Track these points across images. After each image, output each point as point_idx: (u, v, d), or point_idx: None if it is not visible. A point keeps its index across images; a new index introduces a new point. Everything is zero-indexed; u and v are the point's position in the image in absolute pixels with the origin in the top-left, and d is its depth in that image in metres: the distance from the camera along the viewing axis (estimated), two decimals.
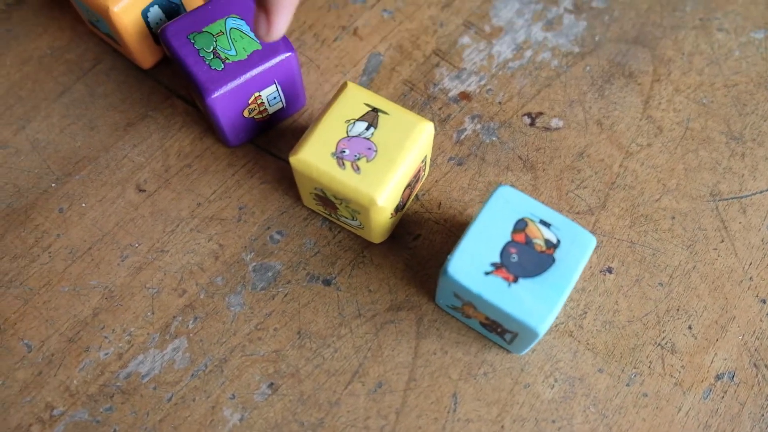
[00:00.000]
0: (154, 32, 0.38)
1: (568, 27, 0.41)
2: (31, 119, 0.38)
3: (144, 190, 0.36)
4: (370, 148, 0.31)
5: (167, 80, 0.40)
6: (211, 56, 0.33)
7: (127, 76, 0.40)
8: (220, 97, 0.33)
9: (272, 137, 0.38)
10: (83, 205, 0.36)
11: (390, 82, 0.39)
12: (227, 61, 0.33)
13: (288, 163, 0.37)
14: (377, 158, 0.31)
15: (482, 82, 0.39)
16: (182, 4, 0.38)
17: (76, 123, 0.38)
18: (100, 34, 0.39)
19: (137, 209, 0.36)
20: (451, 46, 0.41)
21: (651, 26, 0.41)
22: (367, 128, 0.31)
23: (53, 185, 0.37)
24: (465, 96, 0.39)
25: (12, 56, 0.40)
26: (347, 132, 0.31)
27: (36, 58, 0.40)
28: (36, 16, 0.41)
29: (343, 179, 0.30)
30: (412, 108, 0.39)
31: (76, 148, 0.38)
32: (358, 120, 0.32)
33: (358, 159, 0.31)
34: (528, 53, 0.40)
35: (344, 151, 0.31)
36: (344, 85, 0.33)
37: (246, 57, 0.33)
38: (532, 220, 0.30)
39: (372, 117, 0.32)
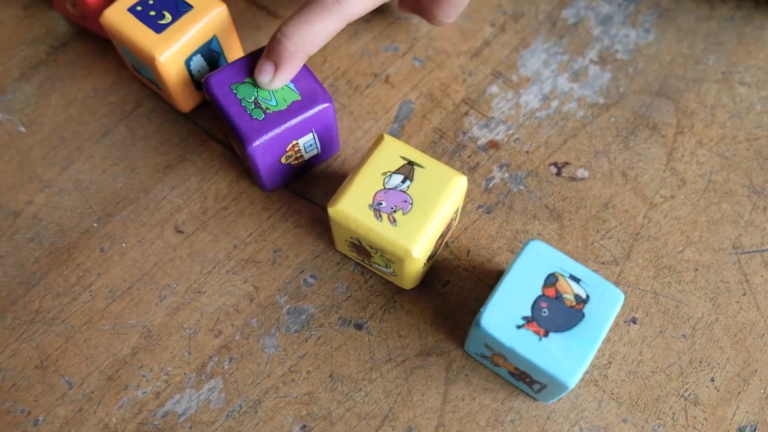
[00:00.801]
0: (196, 79, 0.39)
1: (594, 78, 0.42)
2: (74, 159, 0.40)
3: (182, 232, 0.38)
4: (406, 201, 0.32)
5: (205, 124, 0.41)
6: (253, 106, 0.35)
7: (166, 119, 0.41)
8: (261, 146, 0.34)
9: (306, 182, 0.39)
10: (123, 245, 0.37)
11: (421, 129, 0.41)
12: (268, 111, 0.34)
13: (321, 207, 0.38)
14: (413, 211, 0.32)
15: (510, 131, 0.41)
16: (222, 52, 0.40)
17: (118, 164, 0.40)
18: (143, 78, 0.41)
19: (175, 250, 0.37)
20: (480, 95, 0.42)
21: (674, 79, 0.42)
22: (403, 181, 0.33)
23: (95, 225, 0.38)
24: (493, 144, 0.40)
25: (57, 97, 0.42)
26: (384, 184, 0.33)
27: (80, 100, 0.41)
28: (81, 58, 0.43)
29: (380, 231, 0.32)
30: (442, 156, 0.40)
31: (117, 189, 0.39)
32: (394, 172, 0.33)
33: (395, 211, 0.32)
34: (554, 103, 0.42)
35: (381, 203, 0.32)
36: (381, 138, 0.34)
37: (286, 107, 0.35)
38: (562, 275, 0.31)
39: (408, 170, 0.33)
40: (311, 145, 0.37)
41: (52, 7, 0.45)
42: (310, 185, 0.39)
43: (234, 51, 0.41)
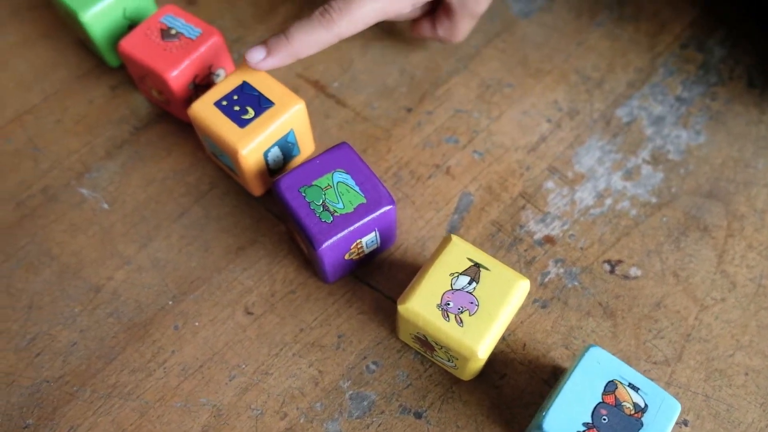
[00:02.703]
0: (271, 167, 0.42)
1: (646, 177, 0.44)
2: (153, 238, 0.42)
3: (252, 313, 0.40)
4: (472, 302, 0.34)
5: (275, 208, 0.43)
6: (321, 209, 0.37)
7: (239, 201, 0.44)
8: (328, 247, 0.36)
9: (370, 269, 0.41)
10: (196, 323, 0.39)
11: (479, 221, 0.43)
12: (335, 214, 0.37)
13: (384, 295, 0.40)
14: (479, 312, 0.34)
15: (565, 227, 0.42)
16: (296, 142, 0.42)
17: (193, 244, 0.42)
18: (219, 163, 0.43)
19: (245, 331, 0.39)
20: (536, 190, 0.44)
21: (725, 181, 0.44)
22: (470, 282, 0.35)
23: (170, 302, 0.40)
24: (549, 239, 0.42)
25: (138, 177, 0.44)
26: (451, 285, 0.34)
27: (159, 180, 0.44)
28: (161, 139, 0.46)
29: (447, 331, 0.33)
30: (499, 249, 0.42)
31: (191, 268, 0.41)
32: (461, 273, 0.35)
33: (462, 312, 0.34)
34: (608, 201, 0.43)
35: (449, 304, 0.34)
36: (448, 238, 0.36)
37: (352, 210, 0.37)
38: (621, 383, 0.32)
39: (474, 272, 0.35)
40: (372, 241, 0.39)
41: (137, 88, 0.48)
42: (374, 272, 0.41)
43: (306, 140, 0.43)
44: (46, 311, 0.40)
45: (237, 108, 0.40)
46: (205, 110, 0.40)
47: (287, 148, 0.42)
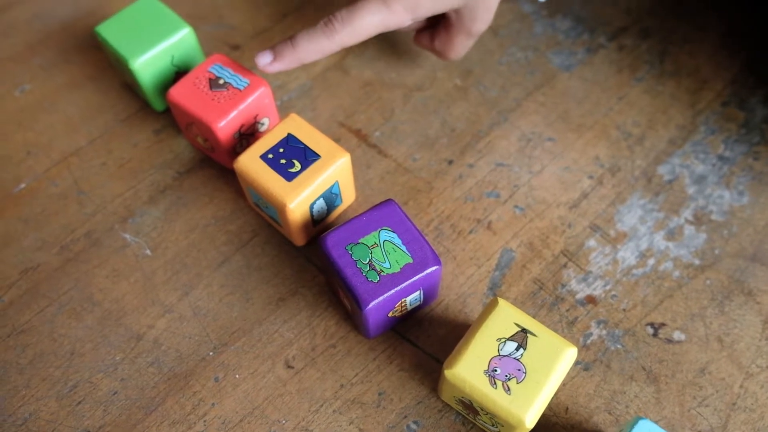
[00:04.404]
0: (315, 219, 0.42)
1: (689, 238, 0.44)
2: (194, 286, 0.42)
3: (292, 367, 0.40)
4: (519, 369, 0.34)
5: (316, 259, 0.43)
6: (368, 268, 0.37)
7: (280, 251, 0.44)
8: (374, 307, 0.36)
9: (411, 324, 0.41)
10: (237, 376, 0.39)
11: (521, 279, 0.43)
12: (382, 274, 0.37)
13: (425, 353, 0.40)
14: (526, 380, 0.33)
15: (607, 287, 0.42)
16: (339, 193, 0.42)
17: (234, 294, 0.42)
18: (262, 213, 0.44)
19: (285, 385, 0.39)
20: (578, 248, 0.44)
21: None
22: (517, 348, 0.34)
23: (211, 353, 0.40)
24: (591, 300, 0.42)
25: (181, 223, 0.45)
26: (499, 350, 0.34)
27: (201, 227, 0.44)
28: (204, 185, 0.46)
29: (494, 398, 0.33)
30: (541, 308, 0.41)
31: (232, 319, 0.41)
32: (508, 339, 0.35)
33: (509, 379, 0.33)
34: (651, 261, 0.43)
35: (496, 370, 0.34)
36: (495, 302, 0.36)
37: (399, 270, 0.37)
38: None
39: (522, 338, 0.35)
40: (416, 299, 0.39)
41: (180, 133, 0.48)
42: (414, 328, 0.41)
43: (348, 190, 0.43)
44: (87, 358, 0.40)
45: (283, 161, 0.40)
46: (251, 163, 0.40)
47: (331, 198, 0.42)
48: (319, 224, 0.43)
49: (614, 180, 0.46)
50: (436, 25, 0.47)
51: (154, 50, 0.45)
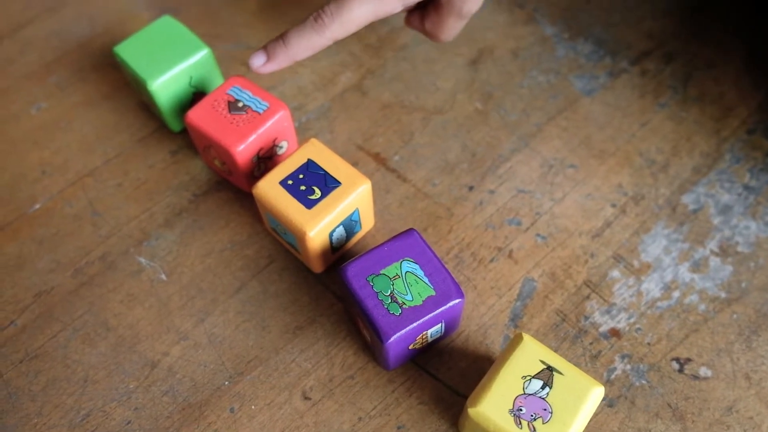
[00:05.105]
0: (334, 246, 0.41)
1: (715, 270, 0.43)
2: (210, 312, 0.42)
3: (309, 398, 0.39)
4: (545, 409, 0.33)
5: (334, 286, 0.43)
6: (389, 300, 0.36)
7: (297, 277, 0.43)
8: (396, 340, 0.35)
9: (430, 355, 0.40)
10: (253, 407, 0.39)
11: (543, 310, 0.42)
12: (404, 306, 0.36)
13: (444, 385, 0.39)
14: (552, 420, 0.33)
15: (632, 320, 0.41)
16: (359, 220, 0.42)
17: (250, 321, 0.41)
18: (279, 238, 0.43)
19: (302, 417, 0.38)
20: (601, 279, 0.43)
21: None
22: (543, 387, 0.33)
23: (226, 383, 0.39)
24: (615, 333, 0.41)
25: (197, 247, 0.44)
26: (524, 389, 0.33)
27: (217, 251, 0.44)
28: (220, 208, 0.45)
29: None
30: (563, 341, 0.41)
31: (248, 347, 0.40)
32: (534, 377, 0.34)
33: (535, 420, 0.32)
34: (676, 294, 0.42)
35: (522, 410, 0.33)
36: (519, 337, 0.35)
37: (421, 303, 0.36)
38: None
39: (547, 376, 0.34)
40: (438, 331, 0.38)
41: (197, 154, 0.48)
42: (434, 359, 0.40)
43: (367, 216, 0.43)
44: (101, 386, 0.39)
45: (303, 187, 0.39)
46: (271, 190, 0.39)
47: (351, 225, 0.41)
48: (337, 251, 0.42)
49: (638, 209, 0.45)
50: (427, 5, 0.46)
51: (172, 71, 0.44)
